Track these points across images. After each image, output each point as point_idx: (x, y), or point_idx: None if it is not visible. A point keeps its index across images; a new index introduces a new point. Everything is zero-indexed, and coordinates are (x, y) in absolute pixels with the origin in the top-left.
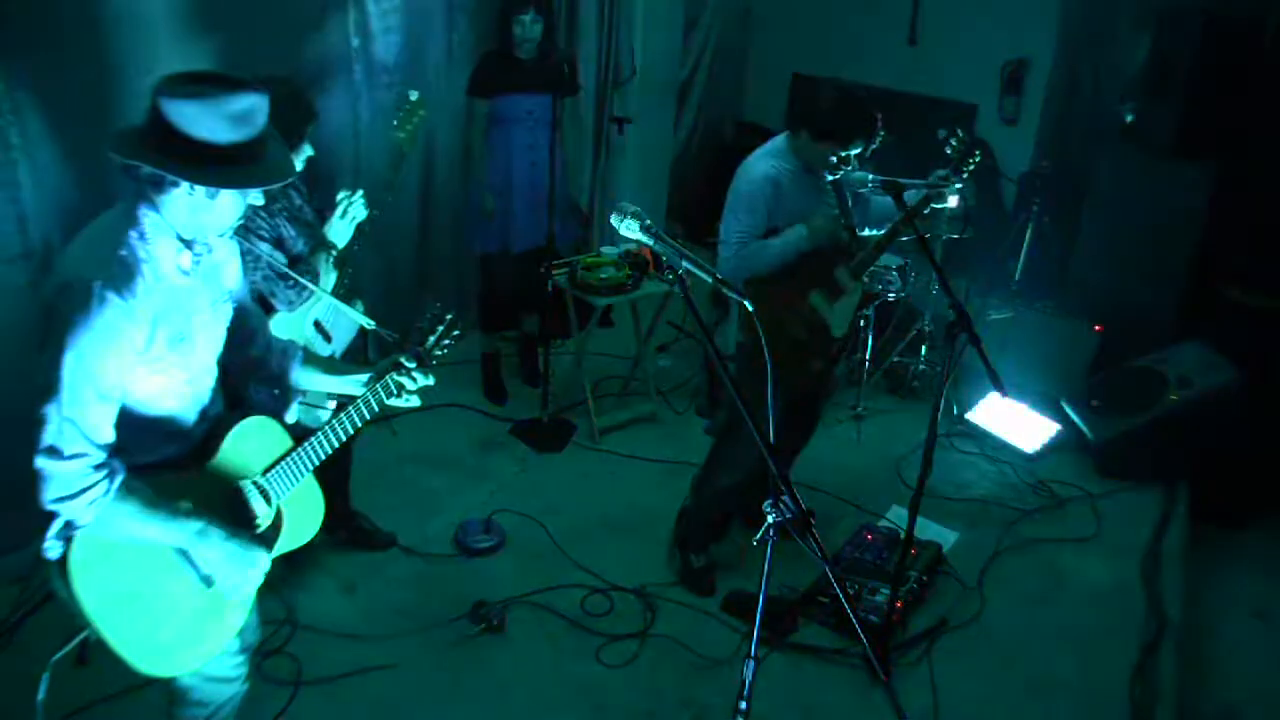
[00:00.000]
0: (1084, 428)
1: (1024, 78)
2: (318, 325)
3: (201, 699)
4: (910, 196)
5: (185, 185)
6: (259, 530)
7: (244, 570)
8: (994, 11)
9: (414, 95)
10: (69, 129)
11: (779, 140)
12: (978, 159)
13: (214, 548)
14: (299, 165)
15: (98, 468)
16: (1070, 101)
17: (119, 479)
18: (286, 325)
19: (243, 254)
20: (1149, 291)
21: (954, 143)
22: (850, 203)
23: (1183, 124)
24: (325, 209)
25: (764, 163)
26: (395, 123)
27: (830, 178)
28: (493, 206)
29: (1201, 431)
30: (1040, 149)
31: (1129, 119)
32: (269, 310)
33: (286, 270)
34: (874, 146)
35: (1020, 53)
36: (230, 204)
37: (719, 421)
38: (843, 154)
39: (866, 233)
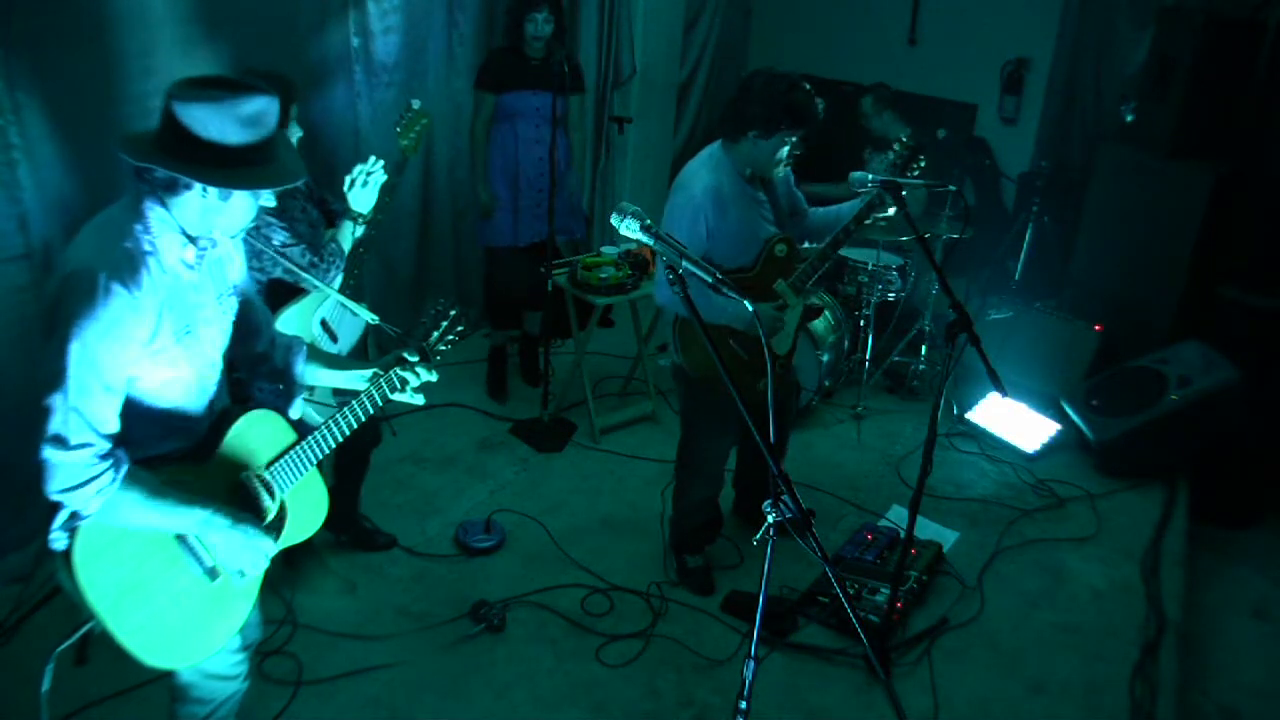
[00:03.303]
0: (1084, 428)
1: (1024, 78)
2: (324, 324)
3: (201, 696)
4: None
5: (198, 187)
6: (264, 523)
7: (251, 555)
8: (994, 11)
9: (416, 104)
10: (69, 129)
11: (714, 150)
12: (922, 163)
13: (220, 533)
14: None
15: (103, 457)
16: (1070, 101)
17: (124, 468)
18: (294, 324)
19: (259, 252)
20: (1149, 291)
21: (897, 146)
22: (787, 212)
23: (1182, 124)
24: (330, 207)
25: (705, 174)
26: (399, 129)
27: (781, 174)
28: (487, 200)
29: (1201, 431)
30: (1040, 149)
31: (1129, 119)
32: (280, 304)
33: (302, 256)
34: (820, 118)
35: (1020, 53)
36: (243, 205)
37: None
38: (796, 139)
39: (805, 245)
